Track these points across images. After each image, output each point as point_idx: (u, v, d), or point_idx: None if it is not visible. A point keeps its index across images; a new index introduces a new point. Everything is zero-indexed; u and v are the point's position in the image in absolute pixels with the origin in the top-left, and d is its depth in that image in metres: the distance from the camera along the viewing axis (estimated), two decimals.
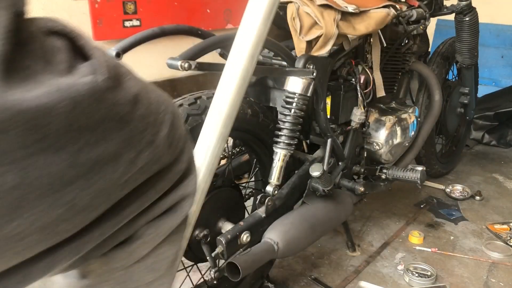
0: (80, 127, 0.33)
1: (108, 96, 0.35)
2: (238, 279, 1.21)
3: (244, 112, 1.38)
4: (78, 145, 0.33)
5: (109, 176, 0.36)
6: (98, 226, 0.39)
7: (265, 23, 0.80)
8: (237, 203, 1.49)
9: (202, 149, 0.83)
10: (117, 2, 2.49)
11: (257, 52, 0.83)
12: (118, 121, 0.36)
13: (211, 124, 0.84)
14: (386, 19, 1.57)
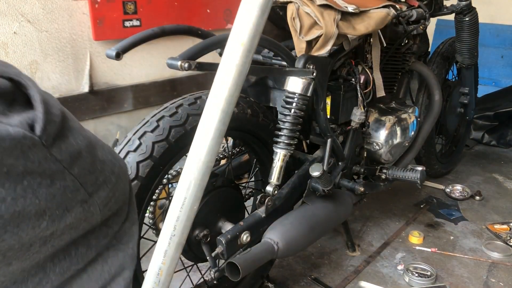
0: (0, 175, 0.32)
1: (37, 152, 0.34)
2: (238, 279, 1.21)
3: (244, 112, 1.38)
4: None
5: (28, 232, 0.35)
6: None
7: (262, 16, 0.79)
8: (237, 203, 1.50)
9: (200, 146, 0.82)
10: (117, 2, 2.49)
11: (254, 46, 0.81)
12: (48, 176, 0.35)
13: (208, 120, 0.82)
14: (386, 19, 1.57)
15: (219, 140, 0.84)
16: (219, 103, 0.81)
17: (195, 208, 0.85)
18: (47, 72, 2.42)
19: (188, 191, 0.83)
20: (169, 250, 0.86)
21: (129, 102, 2.75)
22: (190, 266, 1.55)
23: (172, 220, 0.85)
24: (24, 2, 2.26)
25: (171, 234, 0.85)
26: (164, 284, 0.89)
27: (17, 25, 2.27)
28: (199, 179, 0.83)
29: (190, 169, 0.83)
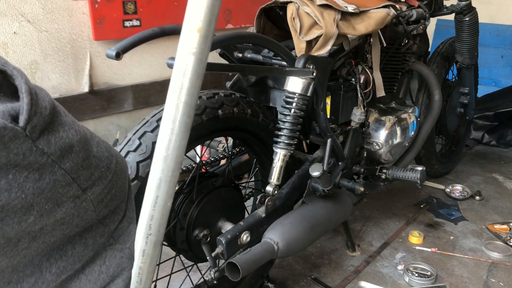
0: None
1: (20, 144, 0.33)
2: (238, 279, 1.21)
3: (244, 112, 1.38)
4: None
5: (13, 226, 0.34)
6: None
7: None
8: (237, 203, 1.50)
9: (165, 143, 0.80)
10: (117, 2, 2.49)
11: (211, 30, 0.77)
12: (36, 170, 0.34)
13: (170, 115, 0.79)
14: (386, 19, 1.57)
15: (186, 134, 0.81)
16: (180, 96, 0.78)
17: (169, 205, 0.84)
18: (47, 72, 2.42)
19: (160, 189, 0.82)
20: (147, 249, 0.85)
21: (129, 102, 2.75)
22: (190, 266, 1.55)
23: (146, 220, 0.83)
24: (24, 2, 2.26)
25: (147, 233, 0.84)
26: (146, 283, 0.89)
27: (17, 25, 2.27)
28: (169, 175, 0.81)
29: (158, 167, 0.81)
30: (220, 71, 1.23)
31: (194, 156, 2.12)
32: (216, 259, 1.31)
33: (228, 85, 1.59)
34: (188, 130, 0.81)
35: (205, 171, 1.59)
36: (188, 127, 0.81)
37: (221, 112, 1.31)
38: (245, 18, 3.22)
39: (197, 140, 1.30)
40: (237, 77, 1.60)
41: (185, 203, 1.34)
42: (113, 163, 0.43)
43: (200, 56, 0.76)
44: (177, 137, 0.80)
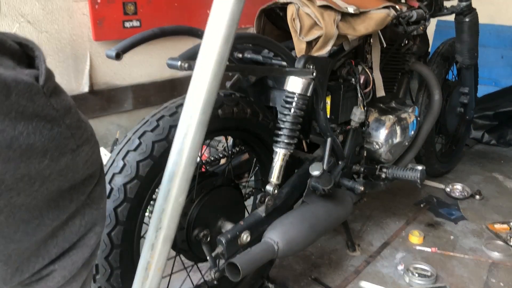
0: (17, 114, 0.40)
1: (40, 98, 0.43)
2: (238, 279, 1.21)
3: (244, 112, 1.39)
4: (16, 130, 0.40)
5: (35, 166, 0.43)
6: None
7: (238, 3, 0.78)
8: (237, 202, 1.50)
9: (183, 138, 0.81)
10: (117, 2, 2.49)
11: (232, 32, 0.80)
12: (49, 121, 0.43)
13: (189, 110, 0.81)
14: (386, 20, 1.57)
15: (201, 130, 0.83)
16: (200, 94, 0.81)
17: (181, 200, 0.84)
18: None
19: (171, 182, 0.82)
20: (156, 243, 0.84)
21: (129, 102, 2.75)
22: (190, 266, 1.55)
23: (158, 213, 0.84)
24: (24, 3, 2.26)
25: (157, 227, 0.84)
26: (154, 279, 0.87)
27: (17, 26, 2.27)
28: (181, 169, 0.82)
29: (173, 160, 0.82)
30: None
31: None
32: (216, 259, 1.31)
33: (228, 85, 1.60)
34: (204, 127, 0.84)
35: (205, 170, 1.60)
36: (205, 124, 0.84)
37: (221, 112, 1.32)
38: (245, 19, 3.22)
39: None
40: (237, 77, 1.60)
41: (185, 202, 1.34)
42: (93, 131, 0.51)
43: (220, 58, 0.80)
44: (196, 131, 0.83)
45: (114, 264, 1.18)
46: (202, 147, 2.23)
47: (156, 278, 0.87)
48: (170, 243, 0.87)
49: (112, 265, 1.18)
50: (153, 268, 0.86)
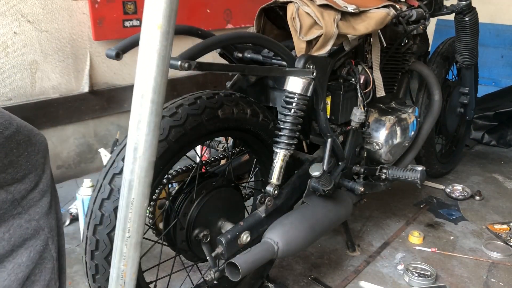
0: None
1: None
2: (238, 279, 1.21)
3: (244, 112, 1.38)
4: None
5: None
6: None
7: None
8: (237, 203, 1.50)
9: (136, 143, 0.78)
10: (117, 2, 2.49)
11: (171, 26, 0.74)
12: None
13: (138, 115, 0.77)
14: (386, 19, 1.57)
15: (156, 133, 0.79)
16: (146, 95, 0.76)
17: (146, 205, 0.83)
18: (47, 72, 2.42)
19: (134, 191, 0.80)
20: (127, 252, 0.84)
21: (129, 102, 2.74)
22: (190, 266, 1.55)
23: (123, 223, 0.82)
24: (24, 2, 2.26)
25: (126, 236, 0.82)
26: (130, 284, 0.87)
27: (17, 25, 2.27)
28: (142, 176, 0.80)
29: (131, 169, 0.79)
30: (220, 71, 1.22)
31: (194, 156, 2.12)
32: (216, 259, 1.31)
33: (228, 85, 1.59)
34: (158, 129, 0.79)
35: (205, 171, 1.59)
36: (157, 126, 0.78)
37: (221, 112, 1.31)
38: (245, 18, 3.22)
39: (197, 140, 1.30)
40: (237, 77, 1.60)
41: (185, 203, 1.34)
42: (9, 131, 0.47)
43: (163, 53, 0.75)
44: (146, 137, 0.78)
45: None
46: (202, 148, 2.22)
47: (132, 282, 0.88)
48: (140, 247, 0.86)
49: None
50: (128, 275, 0.86)
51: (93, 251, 1.18)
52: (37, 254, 0.50)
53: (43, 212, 0.51)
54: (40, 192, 0.52)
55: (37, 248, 0.50)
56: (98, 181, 1.20)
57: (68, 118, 2.51)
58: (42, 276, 0.57)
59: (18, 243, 0.47)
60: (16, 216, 0.47)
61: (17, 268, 0.48)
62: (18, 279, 0.48)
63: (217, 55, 1.57)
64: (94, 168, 2.69)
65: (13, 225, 0.47)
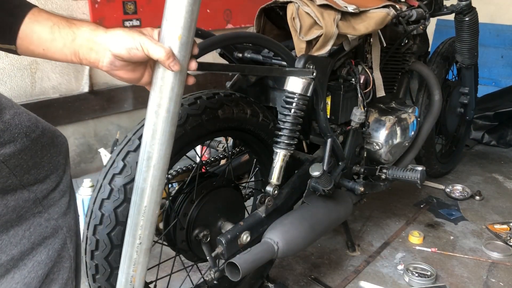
0: None
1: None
2: (238, 279, 1.21)
3: (244, 112, 1.38)
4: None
5: None
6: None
7: (194, 2, 0.72)
8: (237, 203, 1.49)
9: (150, 152, 0.77)
10: (117, 2, 2.49)
11: (191, 36, 0.74)
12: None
13: (153, 123, 0.76)
14: (386, 19, 1.57)
15: (170, 143, 0.79)
16: (163, 104, 0.76)
17: (156, 213, 0.83)
18: (47, 72, 2.42)
19: (147, 198, 0.80)
20: (138, 258, 0.85)
21: (129, 102, 2.75)
22: (190, 266, 1.55)
23: (134, 230, 0.82)
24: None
25: (138, 242, 0.83)
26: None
27: None
28: (156, 185, 0.80)
29: (144, 177, 0.79)
30: (220, 71, 1.22)
31: (194, 156, 2.12)
32: (216, 259, 1.31)
33: (228, 85, 1.59)
34: (172, 138, 0.79)
35: (205, 171, 1.59)
36: (172, 135, 0.78)
37: (221, 112, 1.31)
38: (245, 18, 3.22)
39: (197, 140, 1.30)
40: (237, 77, 1.60)
41: (185, 203, 1.34)
42: (35, 134, 0.48)
43: (182, 63, 0.75)
44: (161, 146, 0.77)
45: (114, 264, 1.18)
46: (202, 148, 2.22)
47: (141, 286, 0.89)
48: (149, 252, 0.87)
49: (112, 265, 1.18)
50: (137, 280, 0.87)
51: (93, 251, 1.18)
52: (55, 253, 0.51)
53: (62, 211, 0.52)
54: (60, 192, 0.53)
55: (55, 247, 0.51)
56: (98, 181, 1.20)
57: (68, 118, 2.51)
58: (60, 275, 0.58)
59: (38, 241, 0.49)
60: (37, 215, 0.48)
61: (36, 266, 0.49)
62: (38, 276, 0.49)
63: (217, 55, 1.57)
64: (94, 168, 2.69)
65: (34, 224, 0.48)
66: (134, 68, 0.76)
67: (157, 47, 0.70)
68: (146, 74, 0.78)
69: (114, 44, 0.70)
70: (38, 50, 0.68)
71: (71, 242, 0.69)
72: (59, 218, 0.55)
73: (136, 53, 0.71)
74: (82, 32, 0.69)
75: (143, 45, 0.70)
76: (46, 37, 0.68)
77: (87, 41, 0.69)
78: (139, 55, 0.71)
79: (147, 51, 0.70)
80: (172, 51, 0.72)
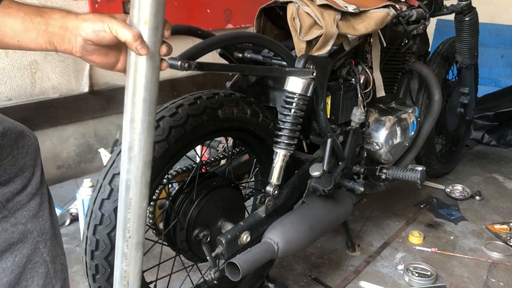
0: None
1: None
2: (238, 279, 1.21)
3: (244, 112, 1.38)
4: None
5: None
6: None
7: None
8: (237, 203, 1.49)
9: (130, 143, 0.77)
10: (117, 2, 2.49)
11: (160, 21, 0.73)
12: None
13: (131, 114, 0.76)
14: (386, 19, 1.57)
15: (150, 132, 0.78)
16: (138, 94, 0.75)
17: (144, 206, 0.82)
18: (47, 72, 2.42)
19: (131, 191, 0.79)
20: (129, 253, 0.84)
21: None
22: (190, 266, 1.55)
23: (123, 223, 0.82)
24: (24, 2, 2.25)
25: (126, 236, 0.82)
26: (134, 284, 0.87)
27: None
28: (139, 176, 0.79)
29: (127, 168, 0.78)
30: (220, 71, 1.22)
31: (194, 156, 2.12)
32: (216, 259, 1.31)
33: (228, 85, 1.59)
34: (152, 128, 0.78)
35: (205, 171, 1.59)
36: (151, 125, 0.77)
37: (221, 112, 1.31)
38: (245, 18, 3.22)
39: (197, 140, 1.30)
40: (237, 77, 1.60)
41: (185, 203, 1.34)
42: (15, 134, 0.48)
43: (153, 49, 0.73)
44: (140, 136, 0.77)
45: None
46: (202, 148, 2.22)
47: (136, 282, 0.88)
48: (142, 247, 0.86)
49: (112, 265, 1.18)
50: (131, 275, 0.86)
51: (93, 251, 1.18)
52: (24, 259, 0.49)
53: (31, 215, 0.51)
54: (28, 195, 0.51)
55: (24, 252, 0.49)
56: (98, 181, 1.20)
57: (68, 118, 2.51)
58: (35, 281, 0.56)
59: (3, 247, 0.47)
60: (2, 220, 0.46)
61: (1, 273, 0.48)
62: (2, 284, 0.48)
63: (217, 55, 1.57)
64: (94, 168, 2.69)
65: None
66: (107, 52, 0.75)
67: (125, 29, 0.70)
68: (121, 60, 0.78)
69: (83, 28, 0.70)
70: (13, 42, 0.68)
71: (46, 246, 0.67)
72: (28, 222, 0.54)
73: (104, 35, 0.71)
74: (54, 20, 0.69)
75: (111, 27, 0.70)
76: (19, 28, 0.68)
77: (59, 28, 0.69)
78: (107, 38, 0.71)
79: (116, 33, 0.70)
80: (140, 34, 0.72)
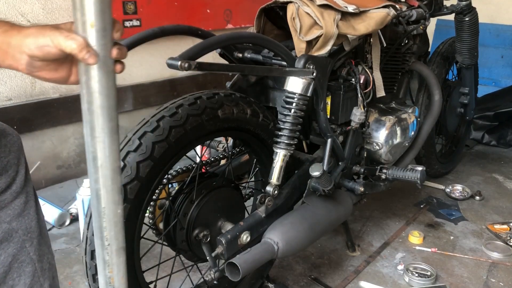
0: None
1: None
2: (238, 279, 1.21)
3: (244, 112, 1.38)
4: None
5: None
6: None
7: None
8: (237, 203, 1.49)
9: (95, 152, 0.74)
10: (117, 2, 2.49)
11: (107, 22, 0.67)
12: None
13: (91, 122, 0.72)
14: (386, 19, 1.57)
15: (114, 138, 0.74)
16: (94, 100, 0.70)
17: (119, 212, 0.79)
18: None
19: (103, 200, 0.76)
20: (110, 259, 0.82)
21: (129, 102, 2.75)
22: (190, 266, 1.55)
23: (99, 232, 0.79)
24: (24, 2, 2.26)
25: (105, 244, 0.80)
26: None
27: None
28: (109, 184, 0.76)
29: (95, 178, 0.76)
30: (220, 71, 1.22)
31: (194, 156, 2.12)
32: (216, 259, 1.31)
33: (228, 85, 1.59)
34: (115, 134, 0.74)
35: (205, 171, 1.59)
36: (114, 131, 0.73)
37: (221, 112, 1.31)
38: (245, 18, 3.22)
39: (197, 140, 1.30)
40: (237, 77, 1.60)
41: (185, 203, 1.34)
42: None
43: (103, 52, 0.68)
44: (103, 144, 0.73)
45: None
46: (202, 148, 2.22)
47: (122, 286, 0.85)
48: (124, 251, 0.83)
49: None
50: (116, 280, 0.84)
51: (93, 251, 1.18)
52: (9, 258, 0.48)
53: (16, 213, 0.50)
54: (13, 194, 0.51)
55: (9, 251, 0.48)
56: None
57: (68, 118, 2.51)
58: (22, 280, 0.56)
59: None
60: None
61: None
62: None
63: (217, 55, 1.57)
64: None
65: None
66: (57, 67, 0.70)
67: (67, 40, 0.64)
68: (74, 71, 0.72)
69: (27, 44, 0.65)
70: None
71: (32, 245, 0.65)
72: (13, 221, 0.53)
73: (49, 50, 0.65)
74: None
75: (54, 40, 0.65)
76: None
77: (2, 44, 0.65)
78: (53, 52, 0.66)
79: (59, 46, 0.65)
80: (86, 42, 0.66)
